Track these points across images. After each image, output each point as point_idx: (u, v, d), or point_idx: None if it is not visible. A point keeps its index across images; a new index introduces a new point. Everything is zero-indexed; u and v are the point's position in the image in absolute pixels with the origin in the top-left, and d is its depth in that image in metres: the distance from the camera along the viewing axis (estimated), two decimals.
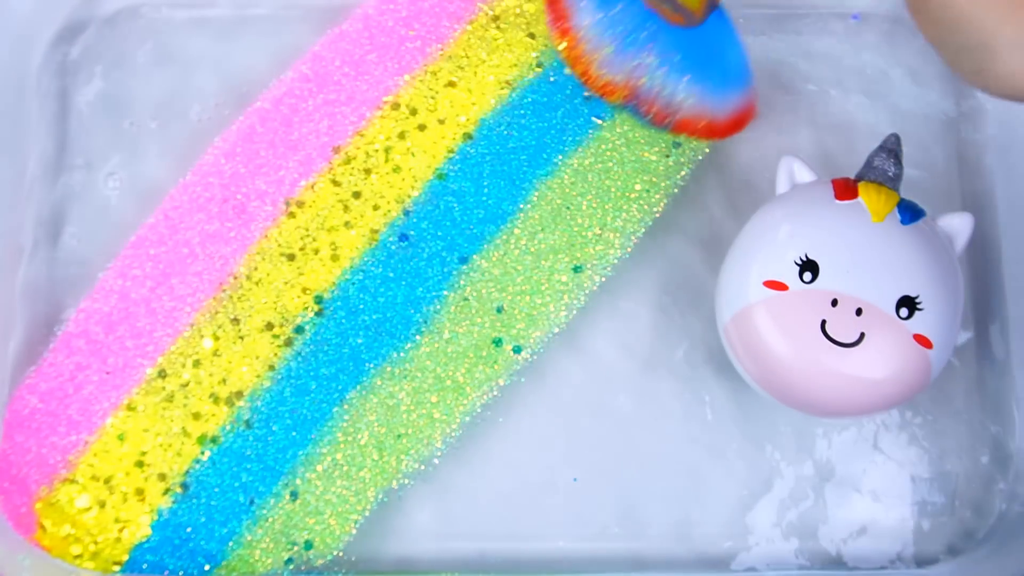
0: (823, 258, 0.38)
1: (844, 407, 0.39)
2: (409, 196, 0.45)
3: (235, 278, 0.44)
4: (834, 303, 0.38)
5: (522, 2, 0.47)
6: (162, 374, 0.43)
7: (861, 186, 0.40)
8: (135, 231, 0.44)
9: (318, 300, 0.44)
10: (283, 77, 0.46)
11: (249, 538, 0.41)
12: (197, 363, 0.43)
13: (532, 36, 0.47)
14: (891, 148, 0.41)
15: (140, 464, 0.42)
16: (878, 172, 0.40)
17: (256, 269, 0.44)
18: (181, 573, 0.41)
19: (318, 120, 0.46)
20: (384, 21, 0.47)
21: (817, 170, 0.42)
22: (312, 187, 0.45)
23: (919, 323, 0.38)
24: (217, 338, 0.43)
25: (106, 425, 0.42)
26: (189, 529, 0.41)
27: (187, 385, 0.43)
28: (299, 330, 0.43)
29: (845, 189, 0.40)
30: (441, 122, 0.46)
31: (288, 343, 0.43)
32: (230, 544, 0.41)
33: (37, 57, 0.47)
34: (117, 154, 0.46)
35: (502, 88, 0.46)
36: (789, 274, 0.38)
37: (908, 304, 0.38)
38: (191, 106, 0.47)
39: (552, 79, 0.46)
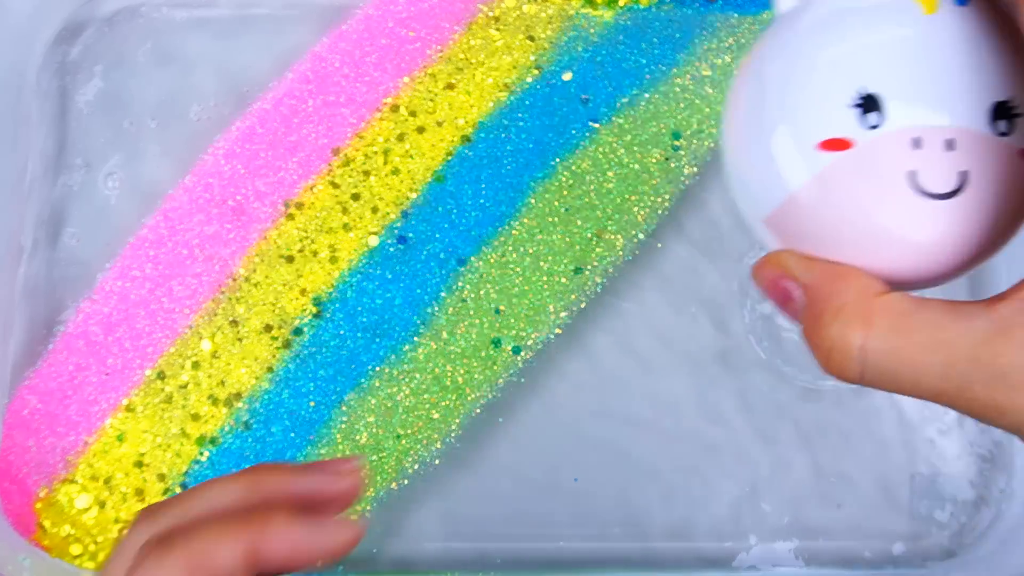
0: (885, 85, 0.26)
1: (959, 265, 0.28)
2: (408, 198, 0.45)
3: (234, 280, 0.44)
4: (916, 143, 0.26)
5: (522, 3, 0.47)
6: (161, 375, 0.43)
7: None
8: (134, 231, 0.44)
9: (316, 302, 0.44)
10: (283, 78, 0.46)
11: None
12: (196, 364, 0.43)
13: (531, 39, 0.47)
14: None
15: (139, 464, 0.42)
16: None
17: (255, 271, 0.44)
18: None
19: (317, 121, 0.46)
20: (384, 22, 0.47)
21: None
22: (311, 189, 0.45)
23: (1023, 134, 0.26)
24: (216, 340, 0.43)
25: (105, 426, 0.42)
26: None
27: (186, 386, 0.43)
28: (298, 332, 0.43)
29: None
30: (440, 124, 0.46)
31: (287, 345, 0.43)
32: None
33: (37, 57, 0.47)
34: (117, 154, 0.46)
35: (500, 91, 0.46)
36: (847, 123, 0.26)
37: (1003, 113, 0.26)
38: (191, 106, 0.47)
39: (550, 82, 0.46)
